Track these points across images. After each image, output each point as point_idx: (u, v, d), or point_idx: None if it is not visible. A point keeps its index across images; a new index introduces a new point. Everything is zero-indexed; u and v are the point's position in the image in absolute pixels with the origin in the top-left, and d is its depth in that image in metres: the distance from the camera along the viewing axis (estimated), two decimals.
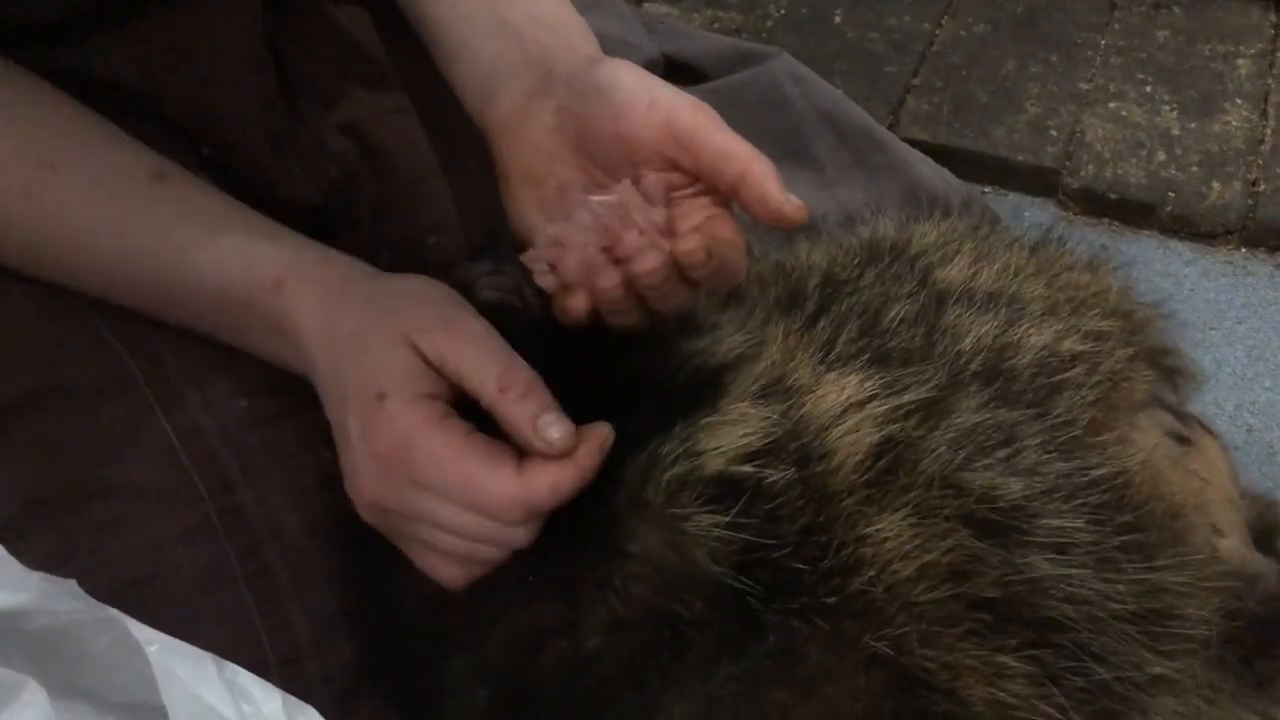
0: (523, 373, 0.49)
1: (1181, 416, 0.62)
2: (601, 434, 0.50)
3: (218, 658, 0.43)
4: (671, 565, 0.49)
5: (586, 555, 0.50)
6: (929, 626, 0.48)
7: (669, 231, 0.52)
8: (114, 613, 0.45)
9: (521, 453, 0.49)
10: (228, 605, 0.48)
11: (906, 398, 0.52)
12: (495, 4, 0.62)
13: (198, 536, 0.52)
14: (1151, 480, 0.55)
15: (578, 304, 0.52)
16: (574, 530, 0.50)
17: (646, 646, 0.49)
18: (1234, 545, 0.57)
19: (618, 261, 0.51)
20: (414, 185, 0.67)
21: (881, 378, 0.53)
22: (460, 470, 0.47)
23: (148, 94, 0.61)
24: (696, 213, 0.53)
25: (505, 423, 0.49)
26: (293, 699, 0.42)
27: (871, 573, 0.49)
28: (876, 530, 0.49)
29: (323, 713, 0.43)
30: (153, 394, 0.55)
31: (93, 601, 0.46)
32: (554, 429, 0.48)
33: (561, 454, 0.48)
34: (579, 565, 0.50)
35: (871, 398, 0.52)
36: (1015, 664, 0.48)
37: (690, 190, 0.53)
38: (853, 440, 0.51)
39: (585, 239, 0.52)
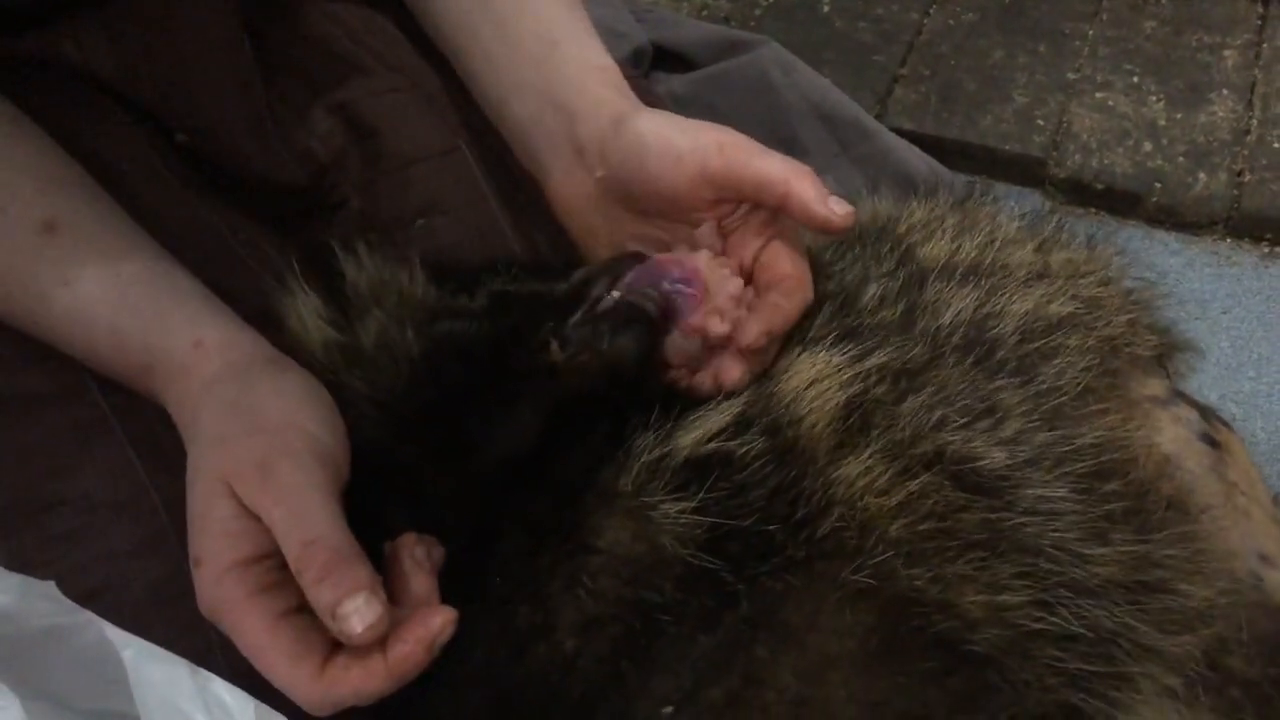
0: (323, 550, 0.43)
1: (1203, 411, 0.61)
2: (429, 626, 0.43)
3: (191, 664, 0.42)
4: (639, 555, 0.48)
5: (552, 554, 0.49)
6: (913, 549, 0.47)
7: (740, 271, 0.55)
8: (90, 615, 0.44)
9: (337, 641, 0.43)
10: (182, 618, 0.47)
11: (872, 361, 0.52)
12: (523, 61, 0.62)
13: (153, 549, 0.51)
14: (1158, 460, 0.54)
15: (713, 385, 0.52)
16: (539, 528, 0.49)
17: (620, 640, 0.48)
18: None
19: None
20: (404, 167, 0.66)
21: (851, 351, 0.53)
22: (262, 661, 0.44)
23: (121, 78, 0.59)
24: (750, 240, 0.55)
25: (310, 601, 0.44)
26: (265, 707, 0.41)
27: (840, 509, 0.48)
28: (844, 472, 0.49)
29: None
30: (108, 404, 0.54)
31: (70, 604, 0.45)
32: (355, 620, 0.42)
33: (367, 645, 0.42)
34: (545, 565, 0.49)
35: (839, 369, 0.52)
36: (1013, 581, 0.47)
37: (741, 212, 0.55)
38: (820, 404, 0.50)
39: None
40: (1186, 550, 0.51)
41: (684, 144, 0.54)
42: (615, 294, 0.53)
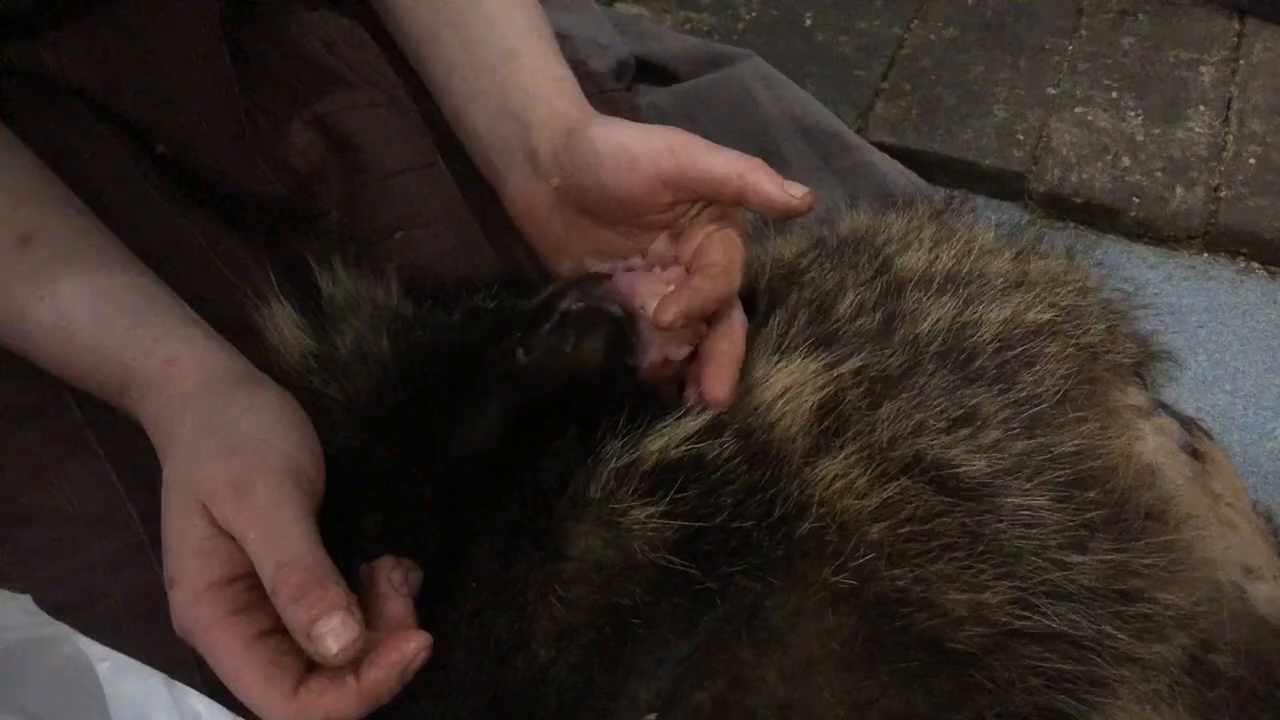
0: (298, 571, 0.43)
1: (1185, 423, 0.61)
2: (403, 651, 0.43)
3: (168, 678, 0.41)
4: (610, 562, 0.48)
5: (525, 563, 0.49)
6: (894, 550, 0.47)
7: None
8: (65, 629, 0.44)
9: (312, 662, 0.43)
10: (160, 631, 0.47)
11: (847, 365, 0.52)
12: (481, 71, 0.63)
13: (130, 562, 0.50)
14: (1138, 470, 0.55)
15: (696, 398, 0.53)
16: (512, 535, 0.49)
17: (591, 647, 0.47)
18: (1270, 590, 0.54)
19: None
20: (383, 180, 0.66)
21: (825, 357, 0.53)
22: (236, 683, 0.43)
23: (101, 88, 0.59)
24: (699, 236, 0.56)
25: (285, 622, 0.44)
26: None
27: (820, 511, 0.48)
28: (820, 473, 0.49)
29: None
30: (84, 416, 0.53)
31: (46, 617, 0.44)
32: (330, 640, 0.41)
33: (343, 665, 0.42)
34: (520, 574, 0.48)
35: (814, 375, 0.52)
36: (994, 581, 0.47)
37: (698, 207, 0.56)
38: (794, 408, 0.51)
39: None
40: (1165, 559, 0.51)
41: (636, 149, 0.54)
42: (581, 304, 0.54)
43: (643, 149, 0.54)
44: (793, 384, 0.52)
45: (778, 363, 0.53)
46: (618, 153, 0.55)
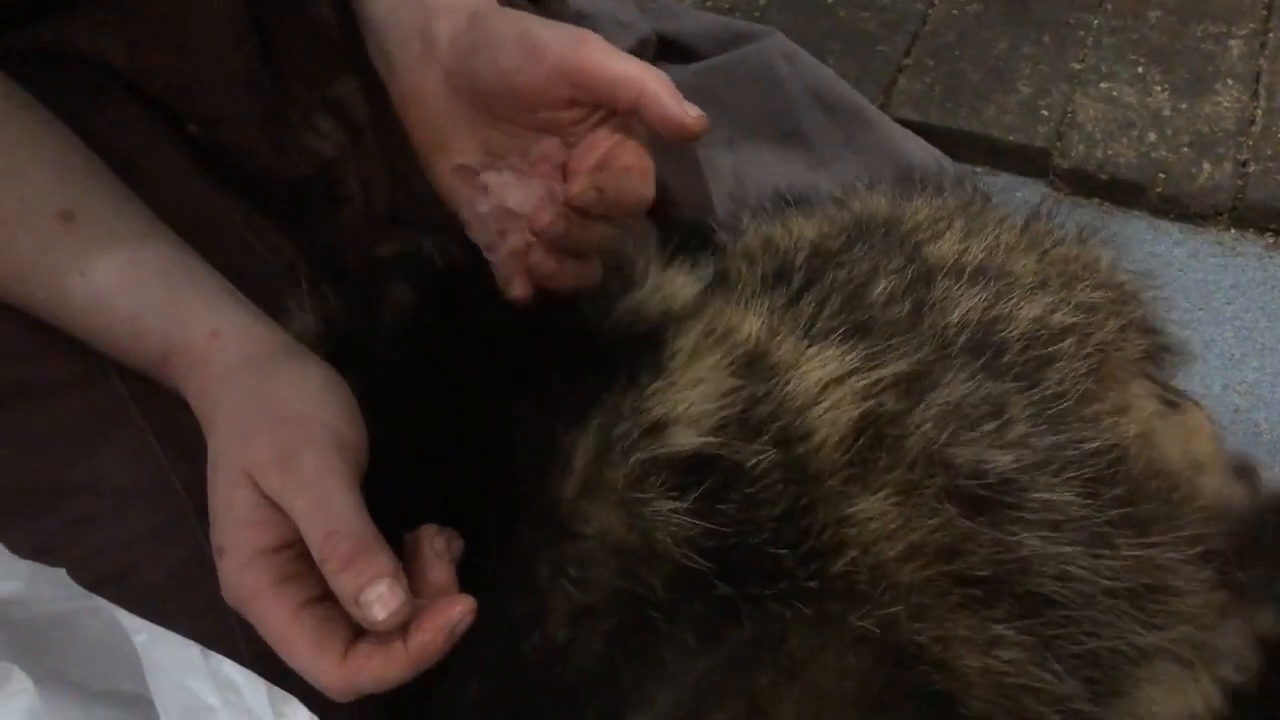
0: (346, 539, 0.44)
1: (1167, 389, 0.62)
2: (449, 615, 0.44)
3: (204, 649, 0.42)
4: (632, 546, 0.48)
5: (538, 539, 0.49)
6: (918, 601, 0.47)
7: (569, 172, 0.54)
8: (101, 601, 0.45)
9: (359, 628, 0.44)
10: (202, 601, 0.47)
11: (888, 370, 0.52)
12: None
13: (172, 532, 0.51)
14: (1147, 452, 0.55)
15: (520, 290, 0.53)
16: (522, 511, 0.49)
17: (614, 634, 0.48)
18: (1214, 482, 0.57)
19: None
20: (392, 161, 0.67)
21: (862, 351, 0.52)
22: (286, 649, 0.44)
23: (133, 69, 0.60)
24: (598, 146, 0.54)
25: (333, 590, 0.44)
26: (279, 690, 0.42)
27: (854, 553, 0.48)
28: (859, 511, 0.49)
29: (305, 705, 0.43)
30: (127, 389, 0.54)
31: (81, 590, 0.45)
32: (378, 608, 0.42)
33: (390, 631, 0.43)
34: (529, 550, 0.49)
35: (851, 372, 0.51)
36: (1008, 633, 0.47)
37: (592, 120, 0.54)
38: (833, 418, 0.50)
39: (492, 226, 0.54)
40: (1181, 542, 0.52)
41: (541, 36, 0.53)
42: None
43: (548, 38, 0.52)
44: (829, 378, 0.51)
45: (808, 348, 0.53)
46: (521, 38, 0.53)
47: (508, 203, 0.54)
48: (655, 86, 0.51)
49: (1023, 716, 0.47)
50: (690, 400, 0.50)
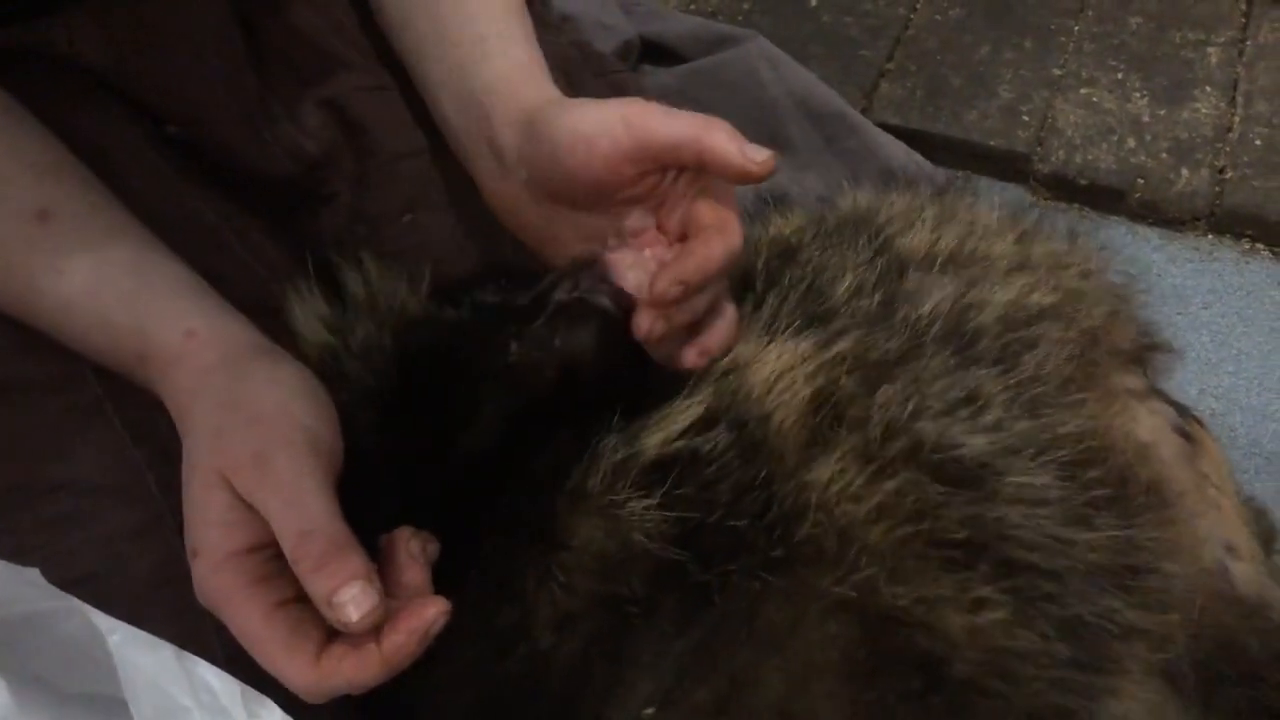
0: (319, 540, 0.44)
1: (1179, 408, 0.62)
2: (423, 616, 0.43)
3: (179, 650, 0.42)
4: (611, 551, 0.48)
5: (526, 551, 0.49)
6: (895, 564, 0.47)
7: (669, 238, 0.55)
8: (75, 602, 0.44)
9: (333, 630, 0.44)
10: (180, 601, 0.47)
11: (836, 348, 0.52)
12: (447, 57, 0.61)
13: (148, 533, 0.51)
14: (1136, 448, 0.55)
15: (692, 359, 0.53)
16: (513, 528, 0.49)
17: (592, 636, 0.48)
18: (1249, 571, 0.55)
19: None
20: (393, 162, 0.67)
21: (816, 338, 0.52)
22: (258, 650, 0.44)
23: (113, 69, 0.59)
24: (679, 205, 0.54)
25: (307, 591, 0.44)
26: (252, 690, 0.42)
27: (818, 516, 0.48)
28: (816, 476, 0.49)
29: (279, 706, 0.43)
30: (103, 389, 0.54)
31: (54, 590, 0.45)
32: (351, 609, 0.42)
33: (364, 633, 0.43)
34: (520, 564, 0.49)
35: (805, 358, 0.52)
36: (992, 595, 0.47)
37: (670, 177, 0.55)
38: (787, 399, 0.51)
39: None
40: (1167, 532, 0.52)
41: (590, 129, 0.53)
42: (572, 295, 0.53)
43: (596, 128, 0.53)
44: (783, 368, 0.52)
45: (768, 343, 0.53)
46: (572, 137, 0.53)
47: (628, 288, 0.54)
48: (711, 140, 0.51)
49: (1014, 680, 0.47)
50: (669, 420, 0.51)
